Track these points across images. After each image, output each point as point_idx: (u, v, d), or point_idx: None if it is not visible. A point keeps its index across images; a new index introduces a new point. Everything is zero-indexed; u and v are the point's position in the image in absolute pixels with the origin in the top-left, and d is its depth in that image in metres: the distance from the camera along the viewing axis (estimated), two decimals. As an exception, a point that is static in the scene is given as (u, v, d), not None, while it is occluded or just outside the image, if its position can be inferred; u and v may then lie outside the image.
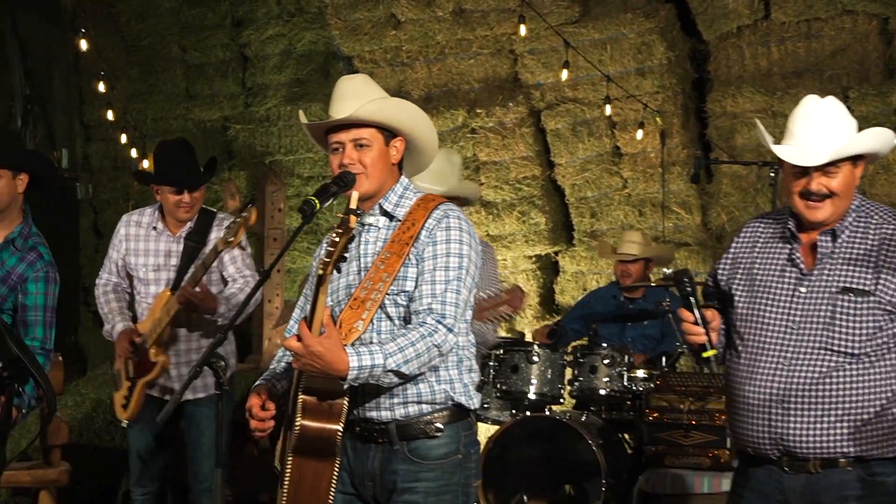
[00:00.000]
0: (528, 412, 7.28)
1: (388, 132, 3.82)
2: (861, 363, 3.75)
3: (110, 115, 9.75)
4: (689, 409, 6.75)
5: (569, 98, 9.80)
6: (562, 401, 7.43)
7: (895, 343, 3.76)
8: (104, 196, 11.06)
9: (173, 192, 5.73)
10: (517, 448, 6.99)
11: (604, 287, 8.76)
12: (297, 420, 3.61)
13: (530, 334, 9.13)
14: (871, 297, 3.75)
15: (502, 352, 7.35)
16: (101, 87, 9.37)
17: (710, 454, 6.65)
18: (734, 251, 4.13)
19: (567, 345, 7.90)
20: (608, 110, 9.33)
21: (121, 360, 5.82)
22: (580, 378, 7.35)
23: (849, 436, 3.74)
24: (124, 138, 10.12)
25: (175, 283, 5.72)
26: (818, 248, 3.86)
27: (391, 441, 3.75)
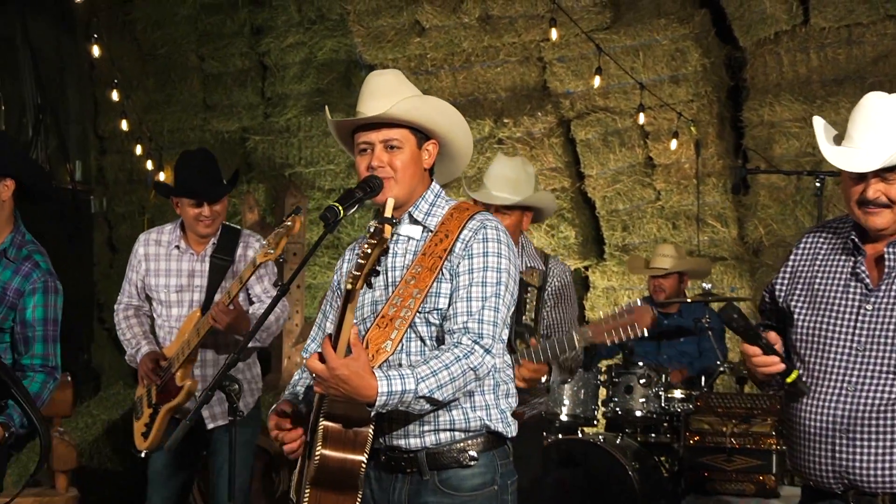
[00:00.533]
0: (560, 435, 7.15)
1: (421, 134, 3.59)
2: (935, 389, 3.45)
3: (124, 125, 9.83)
4: (732, 432, 6.61)
5: (599, 107, 9.71)
6: (595, 422, 7.30)
7: None
8: (119, 210, 11.06)
9: (193, 205, 5.52)
10: (549, 472, 6.76)
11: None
12: (318, 449, 3.38)
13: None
14: None
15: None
16: (115, 96, 9.42)
17: (755, 480, 6.50)
18: (793, 264, 3.83)
19: (597, 363, 7.73)
20: (641, 119, 9.25)
21: (143, 385, 5.60)
22: (615, 398, 7.23)
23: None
24: (140, 150, 10.15)
25: (205, 303, 5.49)
26: (885, 261, 3.56)
27: (420, 471, 3.50)
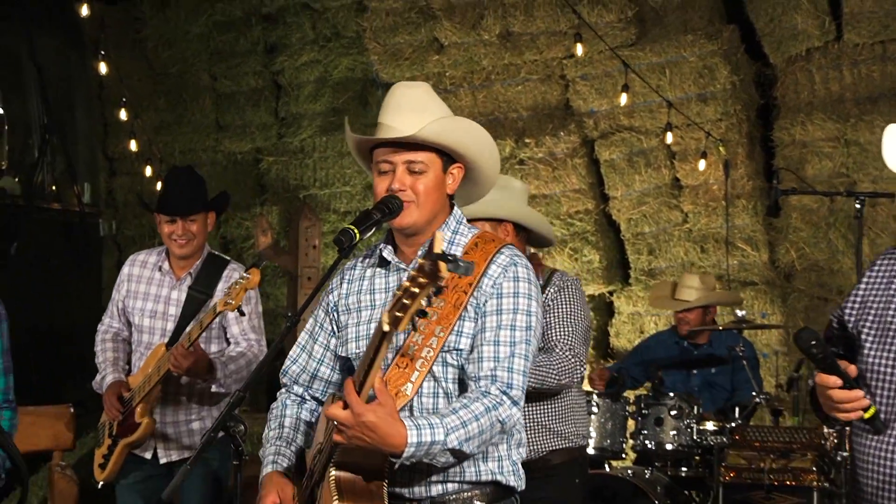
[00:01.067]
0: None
1: (447, 157, 3.35)
2: None
3: (134, 145, 9.74)
4: (771, 468, 6.39)
5: (624, 126, 9.56)
6: (623, 456, 7.10)
7: None
8: (129, 233, 10.96)
9: (168, 222, 5.37)
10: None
11: (665, 330, 8.44)
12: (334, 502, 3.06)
13: (586, 380, 8.58)
14: None
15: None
16: (124, 116, 9.34)
17: (796, 518, 6.37)
18: (864, 290, 3.48)
19: (624, 392, 7.49)
20: (669, 138, 9.08)
21: (106, 415, 5.49)
22: (644, 431, 7.05)
23: None
24: (150, 171, 10.06)
25: (172, 338, 5.33)
26: None
27: None
